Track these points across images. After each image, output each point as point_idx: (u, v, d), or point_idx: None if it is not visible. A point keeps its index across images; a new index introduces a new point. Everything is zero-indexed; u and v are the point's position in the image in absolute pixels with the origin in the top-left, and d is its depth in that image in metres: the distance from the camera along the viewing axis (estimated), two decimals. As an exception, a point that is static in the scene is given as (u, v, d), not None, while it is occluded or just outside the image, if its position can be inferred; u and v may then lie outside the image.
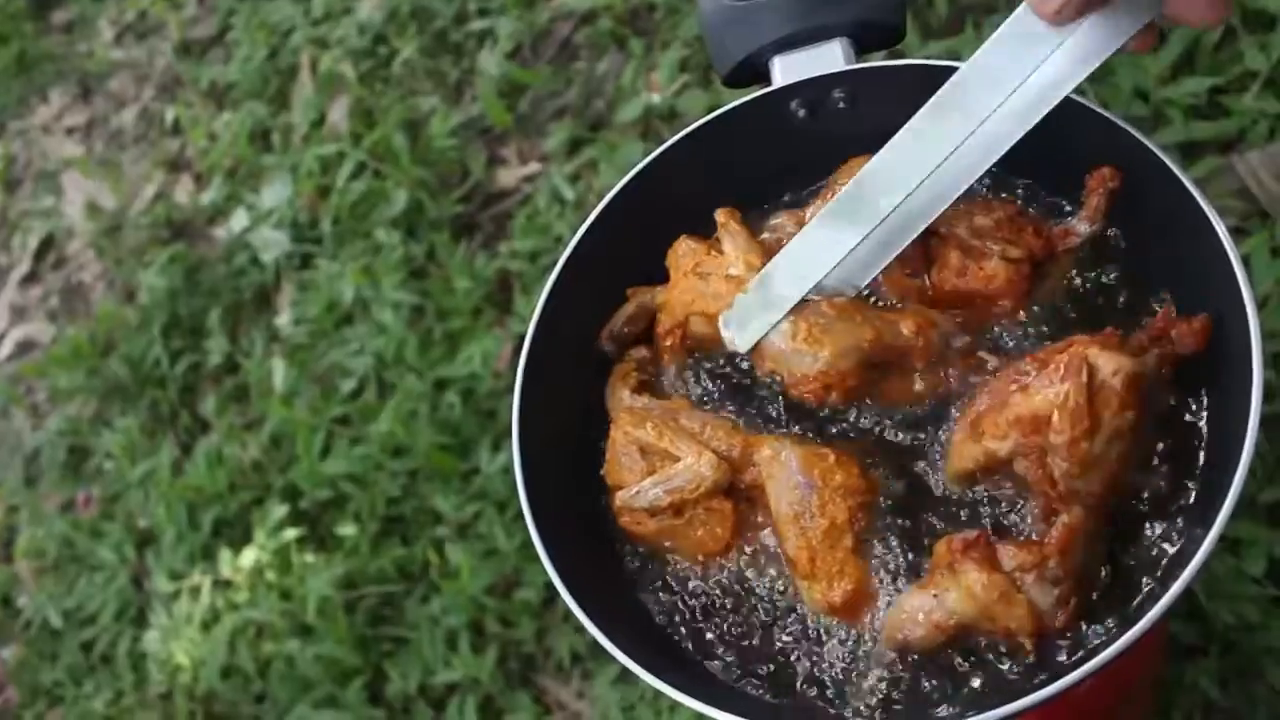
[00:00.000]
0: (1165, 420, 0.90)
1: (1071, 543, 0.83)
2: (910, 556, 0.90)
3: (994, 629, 0.83)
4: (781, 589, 0.94)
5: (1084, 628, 0.85)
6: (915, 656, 0.87)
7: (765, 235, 1.04)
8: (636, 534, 0.97)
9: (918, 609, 0.85)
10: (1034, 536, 0.87)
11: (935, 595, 0.84)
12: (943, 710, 0.85)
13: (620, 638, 0.88)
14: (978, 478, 0.90)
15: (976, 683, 0.86)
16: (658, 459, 0.96)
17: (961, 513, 0.90)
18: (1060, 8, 0.83)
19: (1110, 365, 0.82)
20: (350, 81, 2.48)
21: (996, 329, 0.97)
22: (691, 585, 0.97)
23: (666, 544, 0.97)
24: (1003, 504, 0.90)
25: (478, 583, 1.87)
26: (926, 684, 0.87)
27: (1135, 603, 0.85)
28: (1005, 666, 0.86)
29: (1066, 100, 0.90)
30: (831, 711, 0.89)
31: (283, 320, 2.35)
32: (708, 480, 0.93)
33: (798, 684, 0.91)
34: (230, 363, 2.39)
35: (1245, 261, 1.52)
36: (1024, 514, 0.89)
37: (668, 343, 1.03)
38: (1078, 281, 0.98)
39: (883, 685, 0.88)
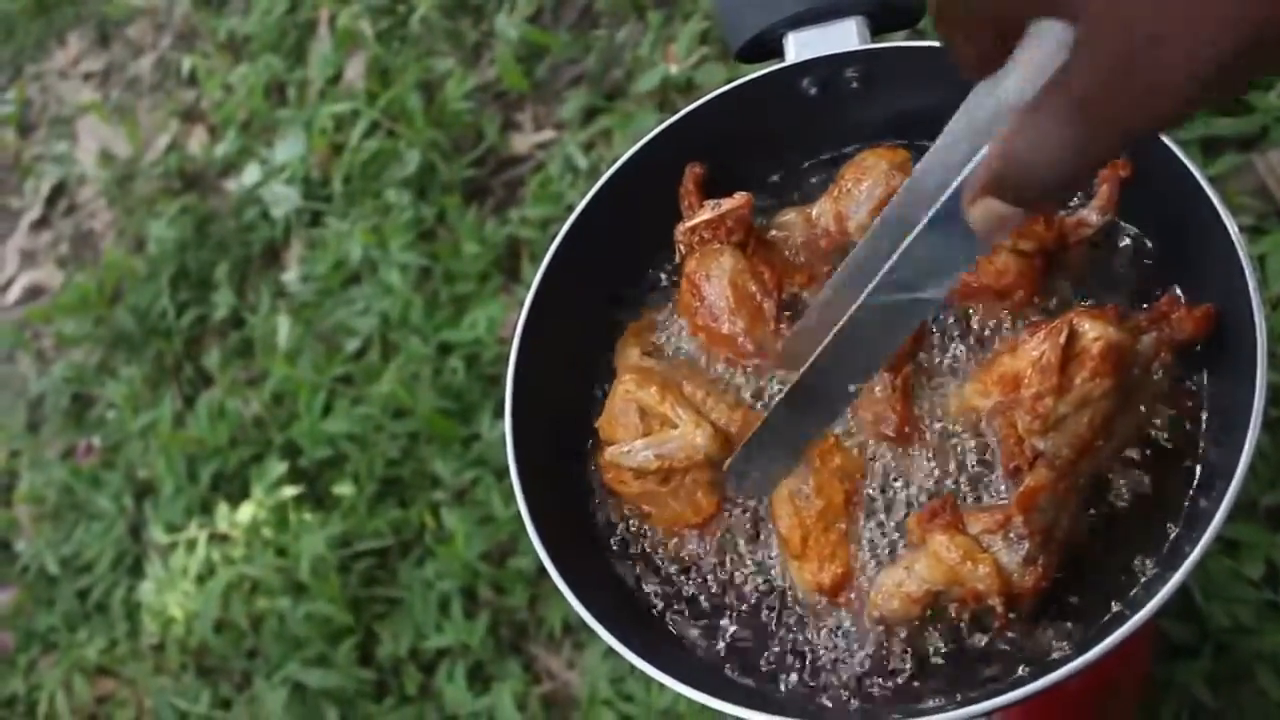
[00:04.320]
0: (1168, 415, 0.89)
1: (1035, 502, 0.83)
2: (902, 543, 0.89)
3: (964, 594, 0.83)
4: (771, 569, 0.93)
5: (1073, 623, 0.85)
6: (901, 638, 0.87)
7: (774, 232, 1.03)
8: (618, 492, 0.97)
9: (892, 583, 0.86)
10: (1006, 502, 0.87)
11: (907, 568, 0.85)
12: (930, 702, 0.85)
13: (607, 618, 0.86)
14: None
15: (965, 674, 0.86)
16: (655, 421, 0.94)
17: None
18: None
19: (1093, 332, 0.83)
20: (367, 39, 2.47)
21: (1009, 320, 0.96)
22: (680, 563, 0.96)
23: (645, 508, 0.96)
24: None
25: (472, 549, 1.87)
26: (912, 668, 0.87)
27: (1128, 598, 0.85)
28: (994, 662, 0.85)
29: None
30: (815, 694, 0.88)
31: (290, 277, 2.35)
32: (700, 452, 0.92)
33: (783, 666, 0.90)
34: (236, 317, 2.38)
35: (1261, 261, 1.51)
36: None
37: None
38: (1089, 273, 0.97)
39: (868, 668, 0.87)
